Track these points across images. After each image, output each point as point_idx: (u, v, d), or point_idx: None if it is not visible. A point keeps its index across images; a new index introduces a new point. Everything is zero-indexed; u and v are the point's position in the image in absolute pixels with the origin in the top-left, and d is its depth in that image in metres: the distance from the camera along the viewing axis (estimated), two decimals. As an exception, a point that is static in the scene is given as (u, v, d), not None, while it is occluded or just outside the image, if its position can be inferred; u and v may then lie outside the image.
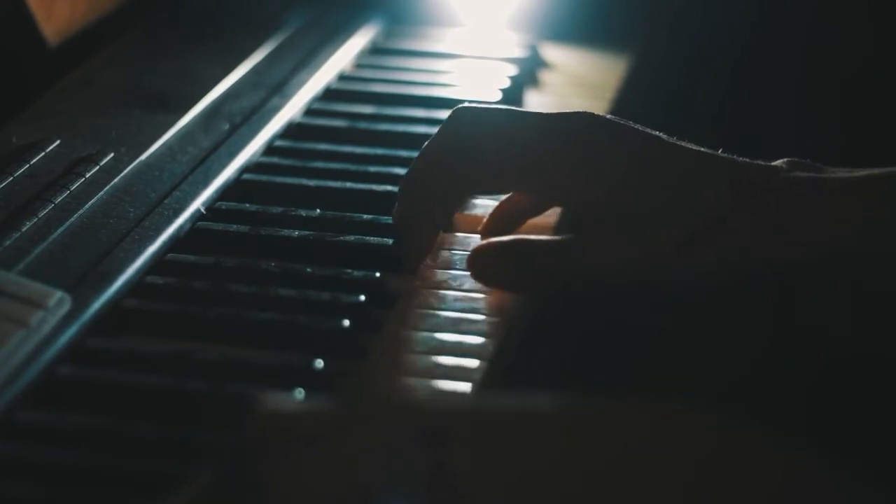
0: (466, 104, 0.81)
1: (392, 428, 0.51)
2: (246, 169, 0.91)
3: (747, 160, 0.77)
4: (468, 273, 0.80)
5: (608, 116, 0.79)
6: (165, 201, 0.84)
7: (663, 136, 0.78)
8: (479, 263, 0.79)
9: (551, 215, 0.86)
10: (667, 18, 1.23)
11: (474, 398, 0.69)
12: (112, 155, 0.87)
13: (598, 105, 1.07)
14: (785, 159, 0.78)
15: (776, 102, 1.28)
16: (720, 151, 0.78)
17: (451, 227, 0.85)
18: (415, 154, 0.93)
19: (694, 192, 0.76)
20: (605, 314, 0.84)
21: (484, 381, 0.72)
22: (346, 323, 0.73)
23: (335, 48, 1.09)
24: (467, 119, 0.80)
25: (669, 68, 1.23)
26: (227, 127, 0.94)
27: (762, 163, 0.77)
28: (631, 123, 0.79)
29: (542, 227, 0.85)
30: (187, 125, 0.93)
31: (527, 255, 0.78)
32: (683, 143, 0.78)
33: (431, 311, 0.77)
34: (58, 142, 0.88)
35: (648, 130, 0.78)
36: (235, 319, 0.74)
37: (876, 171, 0.76)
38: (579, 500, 0.49)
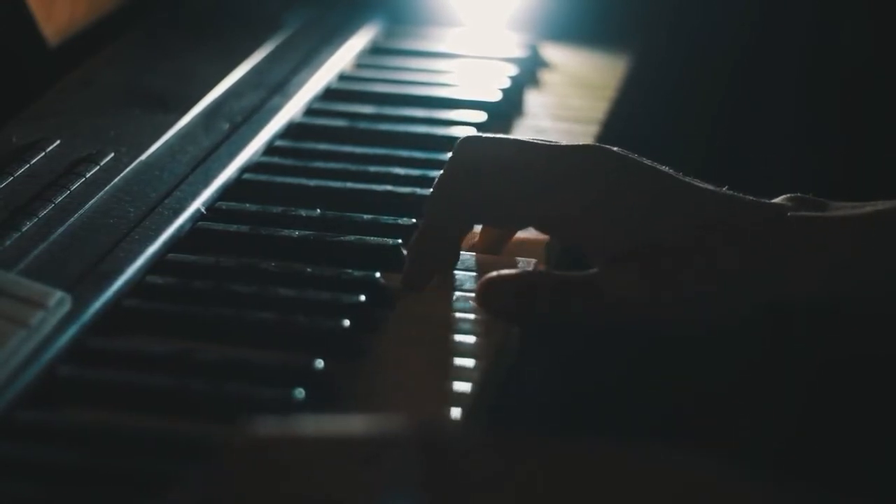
0: (472, 135, 0.80)
1: (374, 454, 0.51)
2: (246, 169, 0.91)
3: (752, 199, 0.77)
4: (468, 273, 0.80)
5: (618, 151, 0.78)
6: (166, 201, 0.84)
7: (673, 172, 0.77)
8: (491, 296, 0.76)
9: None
10: (667, 18, 1.23)
11: (467, 424, 0.68)
12: (112, 155, 0.87)
13: (598, 105, 1.07)
14: (788, 195, 0.77)
15: (776, 102, 1.28)
16: (725, 188, 0.77)
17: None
18: (415, 154, 0.93)
19: (703, 234, 0.75)
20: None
21: (484, 380, 0.72)
22: (346, 323, 0.73)
23: (335, 48, 1.09)
24: (474, 149, 0.79)
25: (669, 68, 1.23)
26: (227, 127, 0.94)
27: (766, 201, 0.77)
28: (642, 159, 0.78)
29: (533, 242, 0.84)
30: (187, 125, 0.93)
31: (545, 291, 0.76)
32: (691, 181, 0.77)
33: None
34: (58, 142, 0.88)
35: (659, 167, 0.78)
36: (235, 319, 0.74)
37: (880, 205, 0.76)
38: None
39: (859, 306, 0.76)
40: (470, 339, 0.75)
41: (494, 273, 0.77)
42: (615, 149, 0.78)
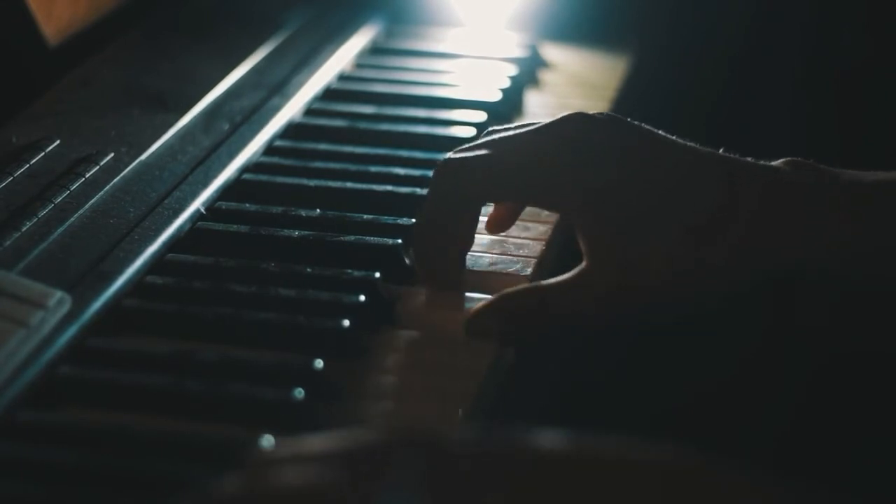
0: (449, 158, 0.79)
1: (377, 466, 0.51)
2: (246, 169, 0.91)
3: (748, 159, 0.77)
4: (468, 269, 0.80)
5: (601, 114, 0.77)
6: (165, 201, 0.84)
7: (659, 132, 0.77)
8: (478, 331, 0.75)
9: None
10: (666, 18, 1.23)
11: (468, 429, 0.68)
12: (112, 155, 0.87)
13: (598, 105, 1.07)
14: (786, 159, 0.77)
15: (775, 102, 1.28)
16: (721, 150, 0.77)
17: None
18: (415, 154, 0.93)
19: (692, 189, 0.75)
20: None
21: (484, 380, 0.72)
22: (346, 323, 0.73)
23: (335, 48, 1.09)
24: (456, 175, 0.78)
25: (669, 68, 1.23)
26: (227, 127, 0.94)
27: (763, 162, 0.77)
28: (626, 119, 0.78)
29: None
30: (187, 125, 0.93)
31: (529, 309, 0.76)
32: (680, 140, 0.77)
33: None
34: (58, 142, 0.88)
35: (644, 126, 0.77)
36: (235, 319, 0.74)
37: (881, 174, 0.75)
38: None
39: (858, 276, 0.75)
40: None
41: (475, 308, 0.76)
42: (597, 114, 0.77)
